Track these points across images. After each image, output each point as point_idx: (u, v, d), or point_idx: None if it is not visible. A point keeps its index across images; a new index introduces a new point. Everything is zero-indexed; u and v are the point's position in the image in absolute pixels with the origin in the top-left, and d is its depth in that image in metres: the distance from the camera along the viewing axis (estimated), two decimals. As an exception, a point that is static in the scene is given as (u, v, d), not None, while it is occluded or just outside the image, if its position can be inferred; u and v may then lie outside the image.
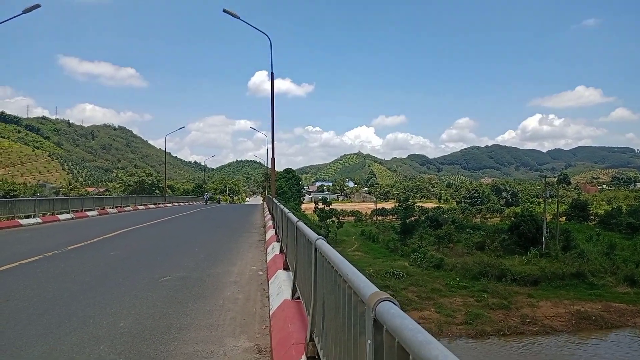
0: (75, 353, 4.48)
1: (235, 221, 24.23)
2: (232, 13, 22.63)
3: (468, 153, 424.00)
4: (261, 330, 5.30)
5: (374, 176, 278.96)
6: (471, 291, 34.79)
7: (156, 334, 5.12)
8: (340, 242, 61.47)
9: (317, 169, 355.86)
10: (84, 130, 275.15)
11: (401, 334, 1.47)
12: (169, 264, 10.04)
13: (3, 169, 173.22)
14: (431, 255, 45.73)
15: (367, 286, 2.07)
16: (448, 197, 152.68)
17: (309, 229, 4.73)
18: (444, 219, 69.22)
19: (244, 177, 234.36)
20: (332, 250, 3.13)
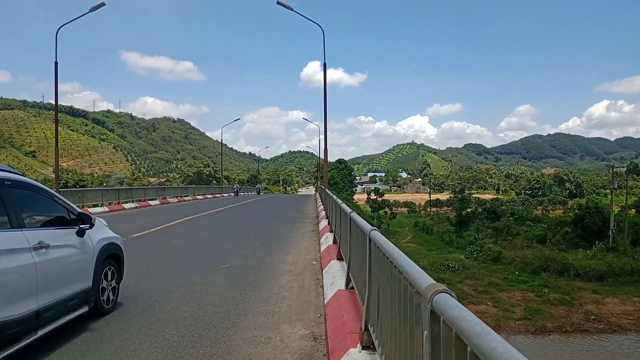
0: (142, 335, 4.77)
1: (289, 211, 24.63)
2: (286, 5, 22.83)
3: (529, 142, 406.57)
4: (316, 319, 5.41)
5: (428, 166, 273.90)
6: (531, 286, 33.58)
7: (216, 319, 5.35)
8: (393, 233, 61.04)
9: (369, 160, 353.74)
10: (145, 123, 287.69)
11: (459, 325, 1.48)
12: (226, 252, 10.40)
13: (72, 160, 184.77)
14: (488, 248, 44.48)
15: (423, 277, 2.08)
16: (507, 188, 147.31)
17: (362, 220, 4.76)
18: (503, 211, 66.90)
19: (297, 167, 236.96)
20: (387, 242, 3.15)
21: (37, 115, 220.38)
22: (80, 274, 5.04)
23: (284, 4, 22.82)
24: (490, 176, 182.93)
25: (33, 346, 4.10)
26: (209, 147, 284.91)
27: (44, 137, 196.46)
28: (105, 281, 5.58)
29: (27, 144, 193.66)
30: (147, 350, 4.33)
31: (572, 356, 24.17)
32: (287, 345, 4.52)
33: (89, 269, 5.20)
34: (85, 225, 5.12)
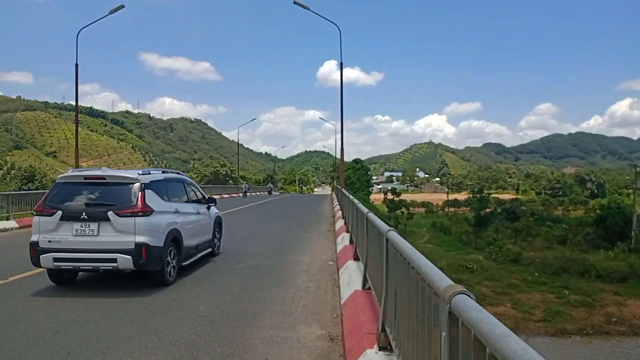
0: (160, 333, 4.82)
1: (305, 211, 24.66)
2: (303, 4, 22.86)
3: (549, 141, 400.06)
4: (332, 319, 5.40)
5: (446, 166, 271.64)
6: (551, 287, 33.05)
7: (233, 318, 5.38)
8: (410, 233, 60.66)
9: (386, 159, 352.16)
10: (163, 123, 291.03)
11: (478, 327, 1.46)
12: (242, 251, 10.45)
13: (92, 160, 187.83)
14: (507, 249, 43.97)
15: (441, 279, 2.06)
16: (526, 188, 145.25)
17: (379, 220, 4.74)
18: (522, 211, 65.99)
19: (313, 167, 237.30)
20: (404, 242, 3.13)
21: (58, 116, 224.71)
22: (208, 230, 9.24)
23: (301, 3, 22.85)
24: (510, 176, 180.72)
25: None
26: (225, 147, 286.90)
27: (64, 138, 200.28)
28: (216, 237, 9.81)
29: (48, 145, 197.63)
30: (165, 348, 4.38)
31: (594, 359, 23.72)
32: (304, 346, 4.52)
33: (210, 228, 9.39)
34: (211, 204, 9.51)
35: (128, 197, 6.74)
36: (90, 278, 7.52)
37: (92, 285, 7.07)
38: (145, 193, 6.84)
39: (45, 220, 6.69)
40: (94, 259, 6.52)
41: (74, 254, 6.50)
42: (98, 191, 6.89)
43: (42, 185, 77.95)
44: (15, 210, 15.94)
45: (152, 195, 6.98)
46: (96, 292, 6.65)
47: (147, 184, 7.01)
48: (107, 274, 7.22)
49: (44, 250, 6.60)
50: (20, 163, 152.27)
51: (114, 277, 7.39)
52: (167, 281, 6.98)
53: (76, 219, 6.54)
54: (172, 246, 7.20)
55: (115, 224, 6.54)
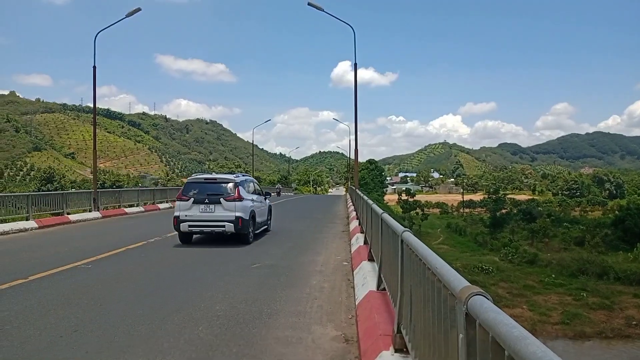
0: (177, 333, 4.87)
1: (319, 212, 24.68)
2: (317, 6, 22.85)
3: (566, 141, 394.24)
4: (347, 320, 5.39)
5: (461, 166, 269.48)
6: (568, 289, 32.56)
7: (249, 318, 5.41)
8: (424, 234, 60.31)
9: (400, 160, 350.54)
10: (179, 125, 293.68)
11: (495, 329, 1.45)
12: (258, 251, 10.50)
13: (109, 162, 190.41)
14: (524, 250, 43.46)
15: (457, 280, 2.05)
16: (543, 188, 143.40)
17: (394, 221, 4.72)
18: (539, 212, 65.27)
19: (327, 168, 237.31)
20: (420, 243, 3.11)
21: (76, 118, 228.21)
22: (265, 213, 13.54)
23: (315, 5, 22.84)
24: (526, 176, 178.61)
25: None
26: (240, 148, 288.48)
27: (82, 139, 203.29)
28: (269, 219, 14.36)
29: (66, 146, 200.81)
30: (181, 348, 4.42)
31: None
32: (319, 346, 4.52)
33: (266, 212, 13.86)
34: (267, 196, 14.24)
35: (230, 190, 11.50)
36: (111, 279, 7.63)
37: (108, 285, 7.17)
38: (239, 188, 11.56)
39: (183, 203, 11.39)
40: (212, 225, 11.27)
41: (200, 222, 11.28)
42: (213, 187, 11.64)
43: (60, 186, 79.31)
44: (35, 210, 16.22)
45: (242, 189, 11.73)
46: (112, 292, 6.74)
47: (238, 183, 11.73)
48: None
49: (182, 221, 11.28)
50: (39, 164, 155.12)
51: (132, 281, 7.48)
52: (249, 241, 11.52)
53: (201, 202, 11.29)
54: (251, 220, 11.83)
55: (224, 205, 11.24)
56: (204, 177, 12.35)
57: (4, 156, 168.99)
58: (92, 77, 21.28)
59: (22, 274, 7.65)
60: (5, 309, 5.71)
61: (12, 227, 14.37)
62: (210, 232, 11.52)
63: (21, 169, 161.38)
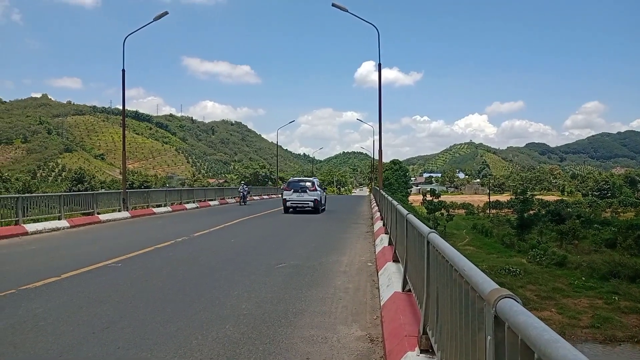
0: (205, 330, 4.96)
1: (343, 212, 24.68)
2: (341, 6, 22.86)
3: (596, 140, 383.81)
4: (372, 320, 5.39)
5: (487, 167, 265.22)
6: (599, 292, 31.68)
7: (274, 317, 5.47)
8: (450, 235, 59.60)
9: (424, 160, 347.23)
10: (205, 126, 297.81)
11: (525, 332, 1.44)
12: (283, 251, 10.59)
13: (138, 163, 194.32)
14: (552, 252, 42.45)
15: (486, 282, 2.04)
16: (572, 189, 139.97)
17: (419, 222, 4.70)
18: (568, 213, 63.70)
19: (350, 168, 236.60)
20: (446, 244, 3.10)
21: (106, 120, 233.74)
22: (323, 200, 24.62)
23: (339, 5, 22.86)
24: (555, 177, 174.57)
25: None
26: (264, 148, 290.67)
27: (111, 141, 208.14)
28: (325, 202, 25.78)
29: (96, 147, 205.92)
30: (209, 345, 4.50)
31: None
32: (344, 346, 4.54)
33: (323, 200, 24.65)
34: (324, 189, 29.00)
35: (310, 185, 23.09)
36: (140, 277, 7.80)
37: (137, 283, 7.33)
38: (315, 183, 23.37)
39: (287, 192, 23.18)
40: (302, 204, 22.78)
41: (296, 202, 22.89)
42: (302, 183, 23.37)
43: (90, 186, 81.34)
44: (66, 210, 16.69)
45: (316, 185, 23.34)
46: (142, 290, 6.89)
47: (314, 182, 23.56)
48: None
49: (287, 201, 22.97)
50: (70, 165, 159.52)
51: (161, 279, 7.64)
52: (319, 212, 22.77)
53: (297, 191, 22.86)
54: (321, 202, 23.55)
55: (308, 193, 22.74)
56: (297, 179, 24.77)
57: (37, 157, 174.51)
58: (121, 80, 21.79)
59: (55, 272, 7.89)
60: (39, 306, 5.91)
61: (45, 226, 14.83)
62: (302, 208, 22.76)
63: (53, 170, 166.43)
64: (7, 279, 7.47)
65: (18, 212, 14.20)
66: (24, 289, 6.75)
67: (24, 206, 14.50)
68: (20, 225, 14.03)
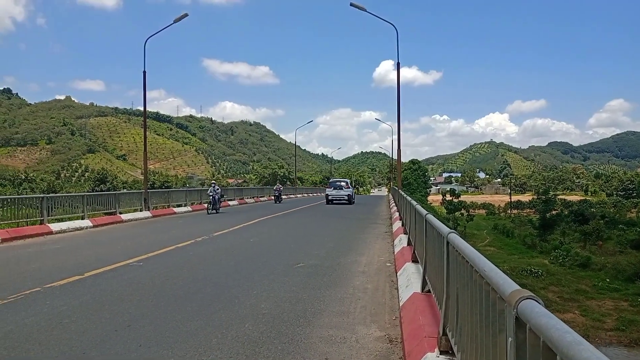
0: (224, 329, 5.00)
1: (361, 212, 24.61)
2: (359, 6, 22.83)
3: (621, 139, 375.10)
4: (391, 321, 5.37)
5: (508, 166, 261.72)
6: (624, 294, 31.00)
7: (293, 316, 5.48)
8: (470, 236, 58.94)
9: (444, 160, 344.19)
10: (224, 127, 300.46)
11: (547, 334, 1.42)
12: (301, 251, 10.61)
13: (159, 163, 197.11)
14: (575, 252, 41.69)
15: (507, 283, 2.01)
16: (596, 189, 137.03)
17: (439, 222, 4.67)
18: (592, 213, 62.39)
19: (369, 168, 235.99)
20: (466, 245, 3.07)
21: (127, 121, 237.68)
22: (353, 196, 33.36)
23: (358, 5, 22.82)
24: (578, 176, 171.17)
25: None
26: (283, 149, 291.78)
27: (133, 142, 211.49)
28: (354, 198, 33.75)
29: (118, 148, 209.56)
30: (229, 344, 4.54)
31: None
32: (363, 346, 4.53)
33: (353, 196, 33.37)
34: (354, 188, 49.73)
35: (346, 184, 32.95)
36: (161, 276, 7.90)
37: (158, 282, 7.43)
38: (348, 183, 33.31)
39: (329, 189, 32.41)
40: (339, 198, 31.32)
41: (335, 196, 31.55)
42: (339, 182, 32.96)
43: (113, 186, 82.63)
44: (89, 210, 17.01)
45: (349, 184, 33.59)
46: (163, 289, 6.98)
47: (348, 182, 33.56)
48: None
49: (328, 196, 31.64)
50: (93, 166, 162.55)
51: (182, 278, 7.74)
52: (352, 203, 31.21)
53: (335, 188, 32.06)
54: (352, 197, 32.43)
55: (343, 190, 31.87)
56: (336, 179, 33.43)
57: (61, 158, 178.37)
58: (142, 82, 22.12)
59: (78, 271, 8.05)
60: (63, 303, 6.04)
61: (69, 225, 15.14)
62: (339, 201, 30.72)
63: (76, 170, 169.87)
64: (34, 277, 7.65)
65: (43, 212, 14.53)
66: (49, 287, 6.90)
67: (48, 206, 14.84)
68: (45, 224, 14.36)
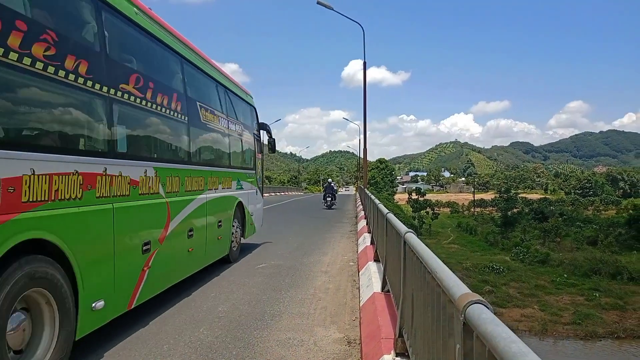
0: (177, 334, 4.80)
1: (328, 211, 24.59)
2: (326, 4, 22.73)
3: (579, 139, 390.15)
4: (351, 322, 5.29)
5: (472, 165, 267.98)
6: (580, 289, 32.12)
7: (251, 319, 5.33)
8: (435, 234, 60.00)
9: (410, 159, 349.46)
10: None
11: (492, 342, 1.34)
12: (264, 251, 10.43)
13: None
14: (535, 249, 42.96)
15: (456, 285, 1.93)
16: (555, 187, 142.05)
17: (398, 221, 4.61)
18: (551, 211, 64.53)
19: (337, 167, 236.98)
20: (422, 245, 3.00)
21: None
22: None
23: (324, 3, 22.72)
24: (538, 175, 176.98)
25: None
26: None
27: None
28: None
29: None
30: (180, 350, 4.34)
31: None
32: (321, 349, 4.42)
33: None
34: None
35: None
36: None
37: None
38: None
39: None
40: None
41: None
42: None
43: None
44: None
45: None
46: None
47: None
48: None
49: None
50: None
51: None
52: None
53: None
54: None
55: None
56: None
57: None
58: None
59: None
60: None
61: None
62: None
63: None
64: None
65: None
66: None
67: None
68: None
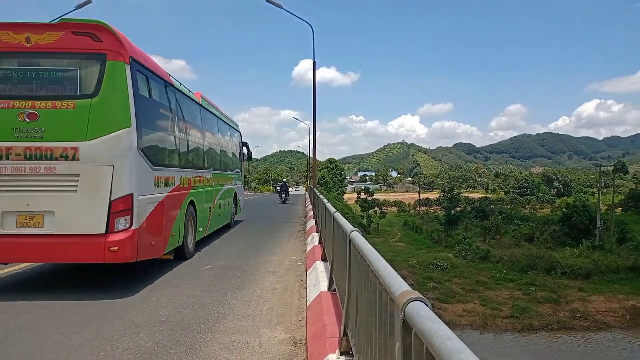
0: (115, 340, 4.57)
1: (277, 211, 24.46)
2: (275, 3, 22.54)
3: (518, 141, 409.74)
4: (297, 322, 5.25)
5: (418, 166, 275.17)
6: (518, 284, 33.70)
7: (194, 323, 5.17)
8: (382, 232, 61.05)
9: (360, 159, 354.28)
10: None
11: (430, 339, 1.34)
12: (211, 252, 10.19)
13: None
14: (477, 246, 44.60)
15: (397, 283, 1.93)
16: (496, 187, 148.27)
17: (344, 221, 4.62)
18: (491, 210, 67.31)
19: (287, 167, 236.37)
20: (366, 244, 3.01)
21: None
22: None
23: (273, 1, 22.51)
24: (480, 175, 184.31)
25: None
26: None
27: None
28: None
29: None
30: (118, 356, 4.14)
31: (559, 354, 24.29)
32: (266, 351, 4.35)
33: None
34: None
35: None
36: (41, 281, 7.17)
37: (45, 288, 6.72)
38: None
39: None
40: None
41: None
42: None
43: None
44: None
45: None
46: (48, 295, 6.31)
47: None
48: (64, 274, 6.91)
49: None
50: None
51: (67, 279, 7.07)
52: None
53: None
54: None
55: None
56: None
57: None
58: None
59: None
60: None
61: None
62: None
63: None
64: None
65: None
66: None
67: None
68: None
